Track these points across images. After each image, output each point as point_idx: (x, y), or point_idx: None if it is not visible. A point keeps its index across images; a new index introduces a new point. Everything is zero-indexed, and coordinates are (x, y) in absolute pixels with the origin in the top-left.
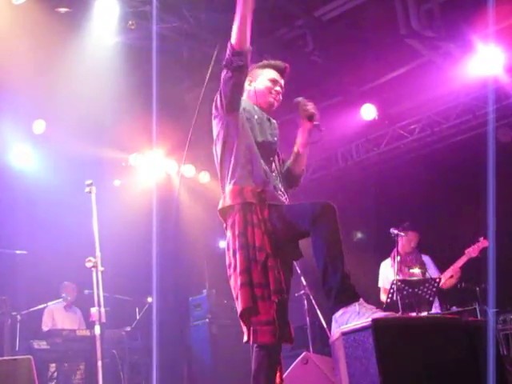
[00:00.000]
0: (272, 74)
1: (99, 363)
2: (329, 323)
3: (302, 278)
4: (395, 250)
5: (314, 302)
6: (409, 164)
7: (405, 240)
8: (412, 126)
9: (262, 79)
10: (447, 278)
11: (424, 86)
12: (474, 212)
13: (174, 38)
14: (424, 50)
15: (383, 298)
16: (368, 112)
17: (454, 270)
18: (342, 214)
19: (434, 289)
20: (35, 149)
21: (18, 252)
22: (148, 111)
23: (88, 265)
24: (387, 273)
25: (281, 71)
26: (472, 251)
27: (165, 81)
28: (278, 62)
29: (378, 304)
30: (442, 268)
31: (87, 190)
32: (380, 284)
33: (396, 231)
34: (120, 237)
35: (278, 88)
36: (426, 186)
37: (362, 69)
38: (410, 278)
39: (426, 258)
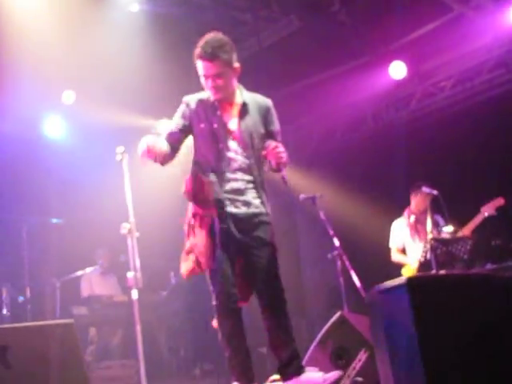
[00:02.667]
0: (199, 67)
1: (138, 327)
2: (363, 283)
3: (335, 239)
4: (408, 208)
5: (347, 262)
6: (439, 122)
7: (419, 199)
8: (443, 83)
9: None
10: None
11: (454, 41)
12: (507, 169)
13: (200, 2)
14: (454, 3)
15: (395, 258)
16: (397, 70)
17: (468, 229)
18: (371, 176)
19: (468, 247)
20: (66, 119)
21: (54, 221)
22: (175, 77)
23: (123, 231)
24: (401, 233)
25: (201, 57)
26: (487, 209)
27: (191, 46)
28: (196, 51)
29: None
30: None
31: (119, 157)
32: (391, 244)
33: (428, 190)
34: (153, 202)
35: (207, 81)
36: (456, 144)
37: (389, 26)
38: (443, 237)
39: (438, 217)
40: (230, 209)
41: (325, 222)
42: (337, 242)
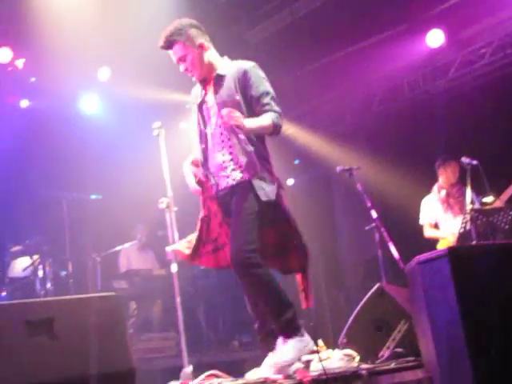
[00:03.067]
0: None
1: (178, 300)
2: (401, 254)
3: (373, 211)
4: (437, 184)
5: (385, 234)
6: (479, 91)
7: (449, 172)
8: (482, 50)
9: None
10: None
11: (495, 6)
12: None
13: None
14: None
15: (429, 233)
16: (435, 38)
17: (501, 201)
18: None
19: (510, 217)
20: (101, 96)
21: (93, 197)
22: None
23: (161, 206)
24: (432, 209)
25: (162, 49)
26: None
27: (223, 19)
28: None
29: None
30: None
31: (155, 132)
32: (422, 221)
33: (468, 160)
34: None
35: (180, 67)
36: (497, 112)
37: None
38: (484, 207)
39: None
40: (216, 186)
41: (362, 194)
42: (374, 214)
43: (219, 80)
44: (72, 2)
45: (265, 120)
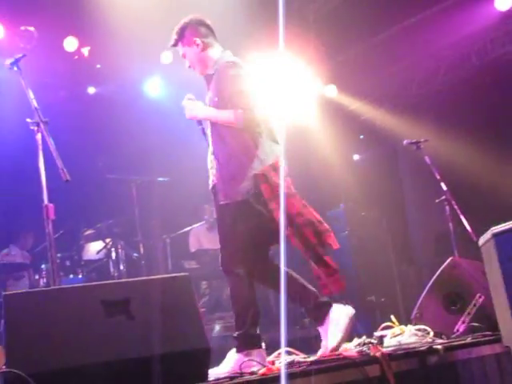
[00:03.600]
0: None
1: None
2: (472, 228)
3: (442, 184)
4: None
5: (456, 207)
6: None
7: None
8: None
9: None
10: None
11: None
12: None
13: None
14: None
15: None
16: (503, 1)
17: None
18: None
19: None
20: (165, 79)
21: (160, 179)
22: (271, 29)
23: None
24: None
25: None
26: None
27: None
28: None
29: None
30: None
31: None
32: None
33: None
34: None
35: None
36: None
37: None
38: None
39: None
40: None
41: (431, 167)
42: (444, 187)
43: (209, 79)
44: None
45: (226, 113)
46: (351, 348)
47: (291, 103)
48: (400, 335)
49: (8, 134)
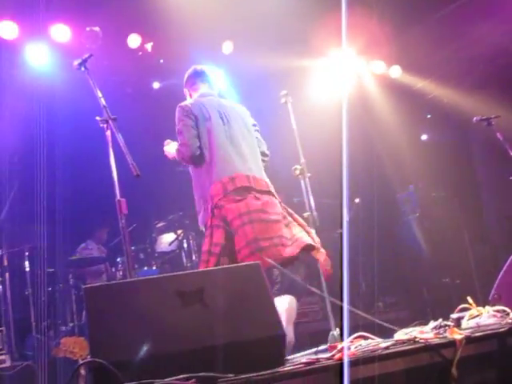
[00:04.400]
0: None
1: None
2: None
3: None
4: None
5: None
6: None
7: None
8: None
9: None
10: None
11: None
12: None
13: None
14: None
15: None
16: None
17: None
18: None
19: None
20: (226, 69)
21: None
22: (334, 11)
23: (295, 173)
24: None
25: None
26: None
27: None
28: None
29: None
30: None
31: (283, 100)
32: None
33: None
34: (318, 142)
35: None
36: None
37: None
38: None
39: None
40: None
41: (504, 144)
42: None
43: None
44: None
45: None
46: (427, 331)
47: (355, 86)
48: (478, 317)
49: (79, 132)
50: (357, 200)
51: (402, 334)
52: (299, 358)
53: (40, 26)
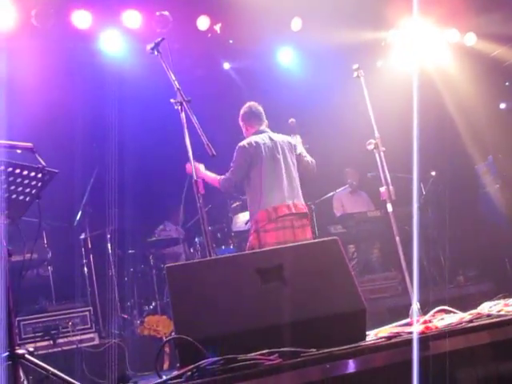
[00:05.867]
0: None
1: (397, 239)
2: None
3: None
4: None
5: None
6: None
7: None
8: None
9: None
10: None
11: None
12: None
13: None
14: None
15: None
16: None
17: None
18: None
19: None
20: (296, 46)
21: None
22: None
23: (369, 147)
24: None
25: None
26: None
27: None
28: None
29: None
30: None
31: (355, 74)
32: None
33: None
34: (391, 115)
35: None
36: None
37: None
38: None
39: None
40: None
41: None
42: None
43: None
44: None
45: (216, 177)
46: None
47: (429, 56)
48: None
49: (152, 115)
50: (433, 173)
51: (486, 308)
52: (381, 333)
53: (112, 13)
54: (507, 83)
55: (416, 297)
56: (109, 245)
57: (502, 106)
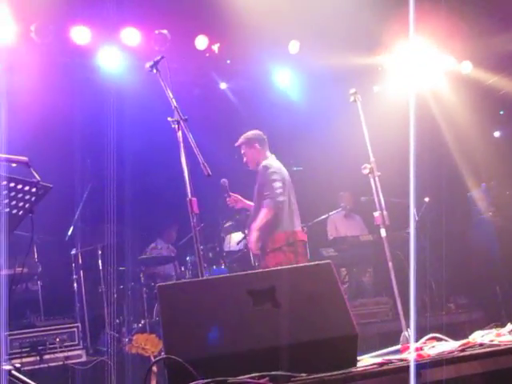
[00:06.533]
0: None
1: (390, 264)
2: None
3: None
4: None
5: None
6: None
7: None
8: None
9: None
10: None
11: None
12: None
13: None
14: None
15: None
16: None
17: None
18: None
19: None
20: (293, 69)
21: (294, 169)
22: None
23: (364, 171)
24: None
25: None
26: None
27: None
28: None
29: None
30: None
31: (352, 98)
32: None
33: None
34: (387, 140)
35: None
36: None
37: None
38: None
39: None
40: None
41: None
42: None
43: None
44: None
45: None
46: (505, 333)
47: (425, 82)
48: None
49: (148, 133)
50: (426, 199)
51: (477, 336)
52: (371, 359)
53: (111, 30)
54: (502, 112)
55: (413, 324)
56: (100, 261)
57: (497, 134)
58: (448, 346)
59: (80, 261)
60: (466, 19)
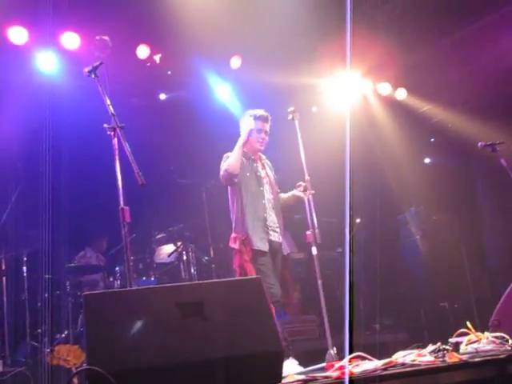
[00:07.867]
0: (259, 124)
1: (319, 282)
2: None
3: None
4: None
5: None
6: None
7: None
8: None
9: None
10: None
11: None
12: None
13: None
14: None
15: None
16: None
17: None
18: None
19: None
20: (234, 84)
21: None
22: (341, 32)
23: (299, 189)
24: None
25: (264, 119)
26: None
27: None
28: (261, 113)
29: None
30: None
31: (290, 116)
32: None
33: None
34: (323, 162)
35: (263, 135)
36: None
37: None
38: None
39: None
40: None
41: (508, 170)
42: None
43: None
44: None
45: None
46: (426, 354)
47: (361, 106)
48: (477, 342)
49: (84, 139)
50: (358, 220)
51: (400, 356)
52: (296, 376)
53: (49, 32)
54: (432, 139)
55: (347, 341)
56: (24, 268)
57: (427, 160)
58: (371, 364)
59: (3, 267)
60: (402, 47)
